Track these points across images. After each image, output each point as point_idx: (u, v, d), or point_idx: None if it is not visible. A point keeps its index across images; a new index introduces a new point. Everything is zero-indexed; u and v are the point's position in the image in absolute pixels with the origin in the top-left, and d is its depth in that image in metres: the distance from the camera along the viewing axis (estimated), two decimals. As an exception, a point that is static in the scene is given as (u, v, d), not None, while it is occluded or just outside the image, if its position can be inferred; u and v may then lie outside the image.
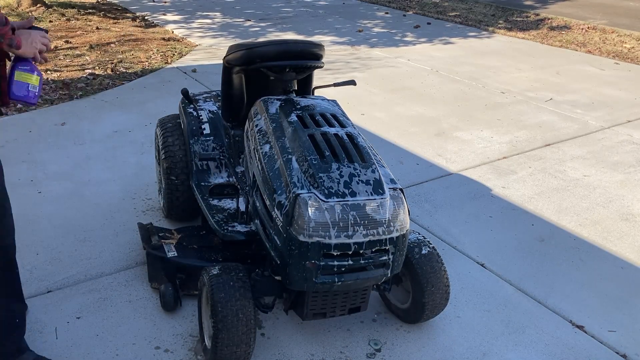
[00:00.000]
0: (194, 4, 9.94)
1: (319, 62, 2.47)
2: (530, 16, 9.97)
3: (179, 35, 7.61)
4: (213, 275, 2.09)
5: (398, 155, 4.23)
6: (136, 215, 3.25)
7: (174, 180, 2.87)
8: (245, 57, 2.44)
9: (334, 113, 2.26)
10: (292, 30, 8.22)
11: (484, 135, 4.69)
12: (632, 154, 4.45)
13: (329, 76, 5.87)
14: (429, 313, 2.37)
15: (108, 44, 6.91)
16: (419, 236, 2.43)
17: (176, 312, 2.49)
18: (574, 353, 2.41)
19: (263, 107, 2.31)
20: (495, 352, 2.39)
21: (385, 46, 7.57)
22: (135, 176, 3.70)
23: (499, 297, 2.73)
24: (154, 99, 5.09)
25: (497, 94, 5.76)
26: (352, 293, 2.14)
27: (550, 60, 7.22)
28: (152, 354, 2.27)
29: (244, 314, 2.01)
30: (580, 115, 5.25)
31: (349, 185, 1.92)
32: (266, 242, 2.11)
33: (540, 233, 3.31)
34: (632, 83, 6.37)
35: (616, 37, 8.57)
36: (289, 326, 2.45)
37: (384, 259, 1.98)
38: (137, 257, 2.86)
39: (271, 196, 2.02)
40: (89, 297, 2.58)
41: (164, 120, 3.06)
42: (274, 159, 2.10)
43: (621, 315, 2.67)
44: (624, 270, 3.01)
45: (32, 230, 3.06)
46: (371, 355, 2.32)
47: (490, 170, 4.06)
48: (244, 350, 2.04)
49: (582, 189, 3.85)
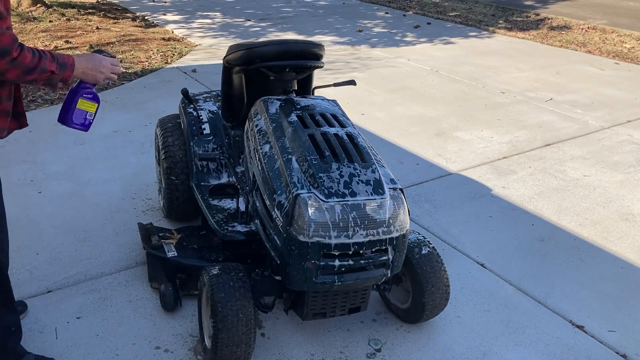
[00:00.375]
0: (194, 4, 9.94)
1: (319, 62, 2.47)
2: (530, 16, 9.97)
3: (179, 35, 7.61)
4: (213, 275, 2.09)
5: (398, 155, 4.23)
6: (136, 215, 3.25)
7: (174, 180, 2.87)
8: (245, 57, 2.44)
9: (334, 113, 2.26)
10: (293, 30, 8.22)
11: (484, 135, 4.69)
12: (632, 154, 4.45)
13: (329, 76, 5.87)
14: (429, 313, 2.37)
15: (108, 44, 6.91)
16: (419, 236, 2.43)
17: (176, 312, 2.49)
18: (574, 353, 2.41)
19: (263, 107, 2.31)
20: (495, 352, 2.39)
21: (386, 46, 7.57)
22: (135, 176, 3.70)
23: (499, 297, 2.73)
24: (154, 99, 5.09)
25: (497, 94, 5.76)
26: (352, 293, 2.14)
27: (550, 60, 7.22)
28: (152, 354, 2.27)
29: (244, 314, 2.01)
30: (580, 115, 5.25)
31: (349, 185, 1.92)
32: (266, 242, 2.11)
33: (540, 233, 3.31)
34: (632, 83, 6.37)
35: (616, 37, 8.57)
36: (289, 326, 2.45)
37: (384, 259, 1.98)
38: (137, 257, 2.86)
39: (271, 196, 2.02)
40: (89, 297, 2.58)
41: (164, 120, 3.06)
42: (274, 159, 2.10)
43: (621, 315, 2.67)
44: (624, 270, 3.01)
45: (32, 230, 3.06)
46: (371, 355, 2.32)
47: (490, 170, 4.06)
48: (244, 350, 2.04)
49: (582, 189, 3.85)
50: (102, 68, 1.89)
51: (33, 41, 6.83)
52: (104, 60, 1.91)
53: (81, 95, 1.88)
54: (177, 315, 2.48)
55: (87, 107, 1.89)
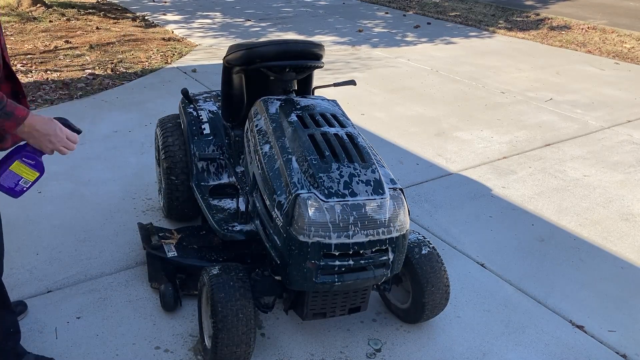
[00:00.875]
0: (194, 4, 9.94)
1: (319, 62, 2.47)
2: (530, 16, 9.97)
3: (179, 35, 7.61)
4: (213, 275, 2.09)
5: (398, 155, 4.23)
6: (136, 215, 3.25)
7: (174, 180, 2.87)
8: (246, 57, 2.44)
9: (334, 113, 2.26)
10: (293, 30, 8.21)
11: (484, 135, 4.69)
12: (632, 154, 4.45)
13: (329, 76, 5.87)
14: (429, 313, 2.37)
15: (108, 44, 6.91)
16: (419, 236, 2.43)
17: (176, 312, 2.49)
18: (574, 353, 2.41)
19: (263, 107, 2.31)
20: (495, 352, 2.39)
21: (386, 46, 7.57)
22: (135, 176, 3.70)
23: (499, 297, 2.73)
24: (154, 99, 5.09)
25: (497, 94, 5.76)
26: (352, 293, 2.14)
27: (550, 60, 7.22)
28: (152, 354, 2.27)
29: (244, 314, 2.01)
30: (580, 115, 5.25)
31: (349, 185, 1.92)
32: (266, 242, 2.11)
33: (540, 233, 3.31)
34: (632, 83, 6.37)
35: (616, 37, 8.57)
36: (289, 326, 2.45)
37: (384, 259, 1.98)
38: (137, 257, 2.86)
39: (271, 196, 2.02)
40: (89, 297, 2.58)
41: (164, 120, 3.06)
42: (274, 159, 2.10)
43: (621, 315, 2.67)
44: (624, 270, 3.01)
45: (32, 230, 3.06)
46: (371, 355, 2.32)
47: (490, 170, 4.06)
48: (244, 350, 2.04)
49: (582, 189, 3.85)
50: (53, 138, 1.67)
51: (33, 41, 6.83)
52: (60, 130, 1.69)
53: (20, 158, 1.65)
54: (177, 315, 2.48)
55: (24, 172, 1.66)
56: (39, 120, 1.66)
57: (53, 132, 1.68)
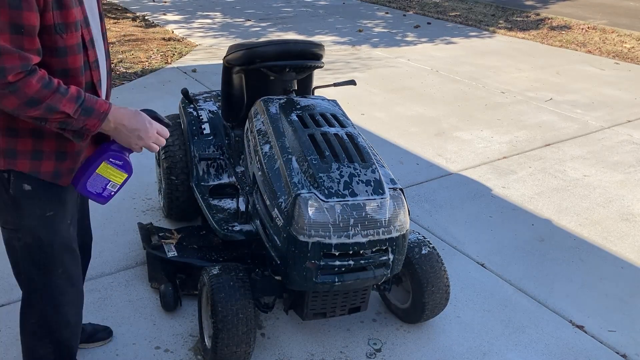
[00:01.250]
0: (194, 4, 9.94)
1: (319, 62, 2.47)
2: (530, 16, 9.97)
3: (179, 35, 7.61)
4: (213, 275, 2.09)
5: (398, 155, 4.23)
6: (136, 215, 3.25)
7: (174, 180, 2.87)
8: (246, 57, 2.44)
9: (334, 113, 2.26)
10: (293, 30, 8.21)
11: (484, 135, 4.69)
12: (632, 154, 4.45)
13: (329, 76, 5.87)
14: (429, 313, 2.37)
15: (108, 43, 6.90)
16: (419, 236, 2.43)
17: (176, 312, 2.49)
18: (574, 353, 2.41)
19: (263, 107, 2.31)
20: (495, 352, 2.39)
21: (386, 46, 7.57)
22: (135, 176, 3.69)
23: (499, 297, 2.73)
24: (154, 99, 5.09)
25: (497, 94, 5.76)
26: (352, 293, 2.14)
27: (550, 60, 7.22)
28: (152, 354, 2.27)
29: (244, 314, 2.01)
30: (580, 115, 5.25)
31: (349, 185, 1.92)
32: (266, 242, 2.11)
33: (540, 233, 3.31)
34: (632, 83, 6.37)
35: (616, 37, 8.57)
36: (289, 326, 2.45)
37: (384, 259, 1.98)
38: (137, 257, 2.86)
39: (271, 196, 2.02)
40: (89, 297, 2.57)
41: (164, 120, 3.06)
42: (274, 159, 2.10)
43: (621, 315, 2.67)
44: (624, 270, 3.01)
45: (32, 230, 3.05)
46: (371, 355, 2.32)
47: (490, 170, 4.06)
48: (244, 350, 2.04)
49: (582, 189, 3.85)
50: (143, 133, 1.49)
51: (33, 41, 6.83)
52: (150, 124, 1.51)
53: (107, 159, 1.48)
54: (177, 315, 2.48)
55: (112, 175, 1.49)
56: (126, 114, 1.48)
57: (142, 127, 1.49)
